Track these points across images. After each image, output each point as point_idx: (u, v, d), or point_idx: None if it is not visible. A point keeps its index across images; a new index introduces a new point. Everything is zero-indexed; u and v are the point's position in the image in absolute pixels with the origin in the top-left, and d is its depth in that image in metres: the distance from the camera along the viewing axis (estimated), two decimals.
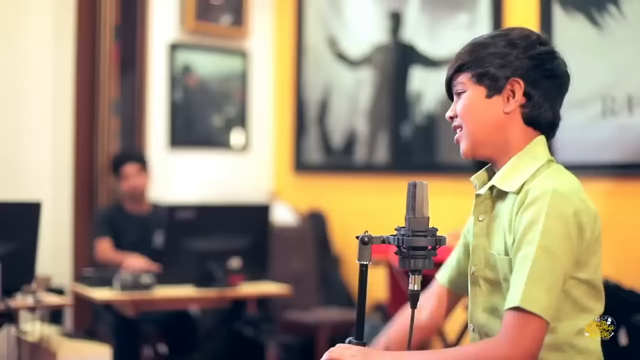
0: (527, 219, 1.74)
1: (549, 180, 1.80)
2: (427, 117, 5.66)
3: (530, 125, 1.89)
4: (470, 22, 5.42)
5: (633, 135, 4.46)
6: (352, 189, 6.09)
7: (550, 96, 1.90)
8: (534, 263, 1.69)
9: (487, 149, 1.90)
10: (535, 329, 1.67)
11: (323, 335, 5.19)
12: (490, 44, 1.91)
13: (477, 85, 1.89)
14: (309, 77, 6.40)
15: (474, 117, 1.90)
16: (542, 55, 1.89)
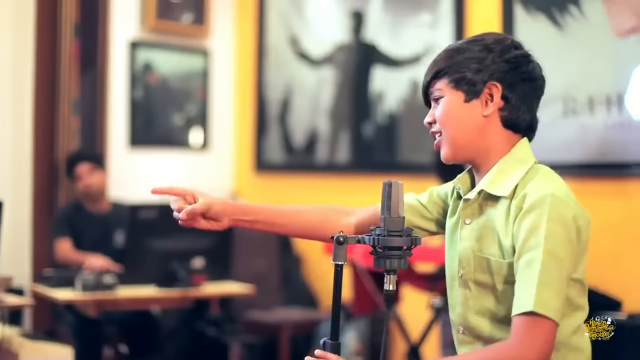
0: (529, 224, 1.75)
1: (544, 184, 1.81)
2: (389, 116, 5.67)
3: (509, 128, 1.90)
4: (432, 22, 5.44)
5: (594, 136, 4.50)
6: (314, 189, 6.09)
7: (527, 99, 1.92)
8: (542, 267, 1.70)
9: (468, 152, 1.92)
10: (547, 332, 1.69)
11: (285, 335, 5.19)
12: (465, 49, 1.91)
13: (454, 90, 1.90)
14: (270, 76, 6.38)
15: (453, 122, 1.91)
16: (517, 59, 1.90)
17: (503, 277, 1.82)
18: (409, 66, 5.56)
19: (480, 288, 1.87)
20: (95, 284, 4.02)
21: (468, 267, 1.89)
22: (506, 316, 1.80)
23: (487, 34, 1.96)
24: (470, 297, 1.89)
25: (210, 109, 6.44)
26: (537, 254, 1.71)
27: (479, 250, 1.87)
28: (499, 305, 1.83)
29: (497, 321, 1.85)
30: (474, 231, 1.89)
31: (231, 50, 6.58)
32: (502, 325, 1.83)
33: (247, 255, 5.36)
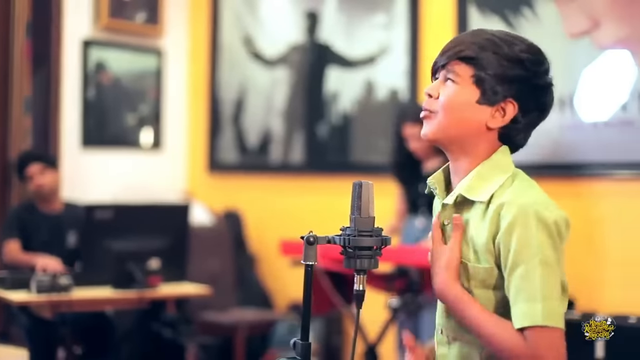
0: (517, 237, 1.74)
1: (524, 193, 1.80)
2: (343, 117, 5.68)
3: (501, 141, 1.88)
4: (387, 23, 5.47)
5: (548, 137, 4.55)
6: (268, 189, 6.08)
7: (531, 126, 1.89)
8: (542, 279, 1.71)
9: (450, 144, 1.88)
10: (560, 341, 1.72)
11: (241, 335, 5.17)
12: (500, 48, 1.84)
13: (473, 85, 1.84)
14: (224, 76, 6.36)
15: (455, 114, 1.85)
16: (544, 87, 1.86)
17: (478, 281, 1.81)
18: (363, 67, 5.57)
19: None
20: (51, 285, 3.98)
21: None
22: None
23: (523, 40, 1.87)
24: None
25: (164, 108, 6.40)
26: (533, 266, 1.72)
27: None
28: None
29: None
30: (450, 234, 1.89)
31: (185, 50, 6.55)
32: None
33: (202, 256, 5.34)
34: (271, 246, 5.90)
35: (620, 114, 4.52)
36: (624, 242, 4.29)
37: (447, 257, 1.85)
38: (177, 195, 6.28)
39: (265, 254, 6.00)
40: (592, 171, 4.46)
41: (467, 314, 1.80)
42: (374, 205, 1.76)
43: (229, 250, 5.72)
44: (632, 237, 4.31)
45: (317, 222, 5.58)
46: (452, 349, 1.90)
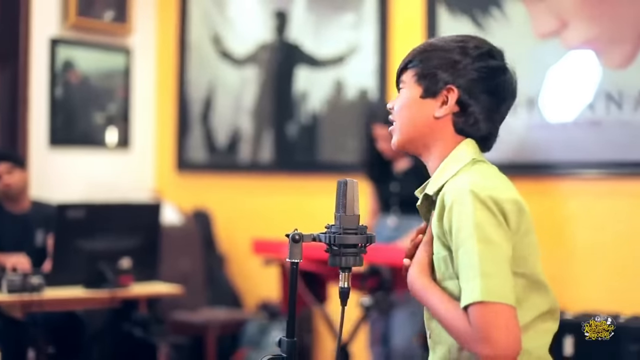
0: (456, 219, 1.74)
1: (463, 179, 1.80)
2: (312, 116, 5.70)
3: (461, 134, 1.89)
4: (356, 22, 5.49)
5: (516, 136, 4.60)
6: (237, 188, 6.08)
7: (489, 112, 1.89)
8: (480, 256, 1.69)
9: (415, 147, 1.91)
10: (506, 317, 1.66)
11: (212, 335, 5.17)
12: (442, 47, 1.90)
13: (416, 84, 1.90)
14: (193, 75, 6.35)
15: (405, 115, 1.91)
16: (489, 70, 1.88)
17: (443, 273, 1.82)
18: (332, 66, 5.59)
19: None
20: (22, 285, 3.95)
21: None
22: None
23: (472, 37, 1.93)
24: None
25: (132, 107, 6.37)
26: (472, 244, 1.70)
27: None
28: None
29: None
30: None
31: (153, 48, 6.53)
32: None
33: (171, 256, 5.32)
34: (240, 246, 5.90)
35: (588, 114, 4.57)
36: (591, 241, 4.35)
37: (418, 252, 1.88)
38: (146, 195, 6.26)
39: (234, 254, 6.00)
40: (559, 171, 4.51)
41: (430, 303, 1.81)
42: (358, 203, 1.78)
43: (198, 249, 5.71)
44: (599, 236, 4.37)
45: (286, 222, 5.58)
46: (435, 353, 1.91)
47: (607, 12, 4.60)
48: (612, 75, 4.57)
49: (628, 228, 4.38)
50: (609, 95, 4.57)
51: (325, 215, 6.17)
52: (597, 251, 4.35)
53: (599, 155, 4.52)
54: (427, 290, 1.82)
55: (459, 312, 1.71)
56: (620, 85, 4.54)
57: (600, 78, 4.59)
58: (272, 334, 5.24)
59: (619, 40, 4.56)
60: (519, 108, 4.59)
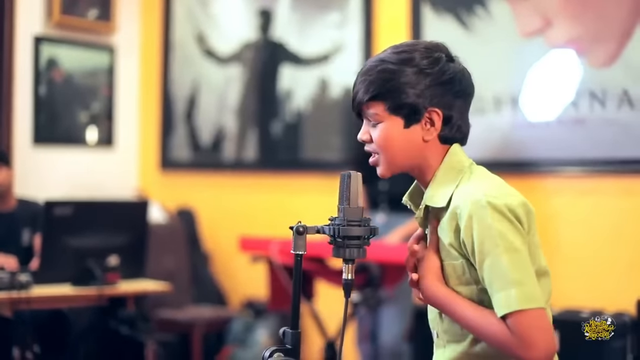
0: (477, 232, 1.78)
1: (472, 189, 1.84)
2: (297, 115, 5.71)
3: (446, 143, 1.92)
4: (340, 21, 5.51)
5: (500, 134, 4.63)
6: (221, 187, 6.08)
7: (463, 112, 1.94)
8: (509, 266, 1.75)
9: (406, 169, 1.93)
10: (542, 319, 1.74)
11: (198, 332, 5.17)
12: (400, 72, 1.88)
13: (393, 116, 1.89)
14: (177, 74, 6.35)
15: (393, 148, 1.90)
16: (453, 78, 1.90)
17: (456, 278, 1.86)
18: (317, 65, 5.61)
19: None
20: (10, 283, 3.93)
21: None
22: None
23: (415, 48, 1.91)
24: None
25: (116, 106, 6.36)
26: (498, 255, 1.76)
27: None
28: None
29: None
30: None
31: (137, 47, 6.52)
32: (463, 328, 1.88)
33: (156, 254, 5.31)
34: (225, 244, 5.91)
35: (572, 112, 4.61)
36: (575, 238, 4.39)
37: (427, 261, 1.90)
38: (129, 194, 6.25)
39: (219, 252, 6.01)
40: (543, 168, 4.55)
41: (457, 312, 1.84)
42: (362, 196, 1.79)
43: (183, 248, 5.71)
44: (582, 233, 4.41)
45: (271, 220, 5.63)
46: (446, 351, 1.94)
47: (590, 11, 4.64)
48: (596, 74, 4.62)
49: (611, 225, 4.42)
50: (592, 93, 4.61)
51: (310, 213, 6.24)
52: (581, 248, 4.39)
53: (582, 153, 4.56)
54: (452, 299, 1.86)
55: (495, 320, 1.77)
56: (604, 83, 4.58)
57: (584, 77, 4.63)
58: (257, 331, 5.26)
59: (603, 39, 4.61)
60: (504, 106, 4.63)
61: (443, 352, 1.95)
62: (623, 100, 4.53)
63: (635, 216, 4.43)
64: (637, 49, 4.51)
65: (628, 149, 4.55)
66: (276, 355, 1.78)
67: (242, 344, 5.26)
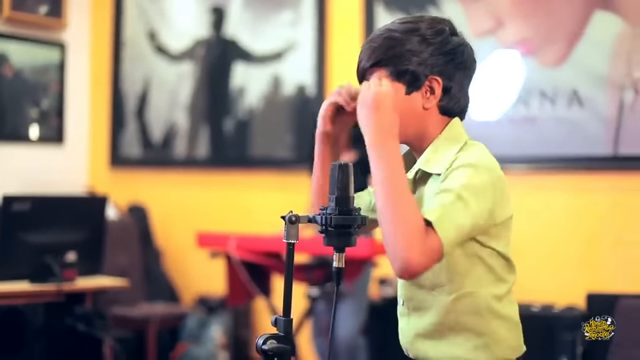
0: (452, 173, 1.84)
1: (471, 154, 1.90)
2: (249, 112, 5.73)
3: (445, 114, 1.97)
4: (294, 20, 5.54)
5: None
6: (172, 184, 6.07)
7: (464, 85, 1.98)
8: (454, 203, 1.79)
9: (403, 138, 1.96)
10: (435, 247, 1.76)
11: (153, 329, 5.16)
12: (404, 40, 1.93)
13: (395, 82, 1.93)
14: (128, 70, 6.32)
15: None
16: (455, 49, 1.95)
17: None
18: (270, 62, 5.63)
19: None
20: None
21: None
22: (435, 281, 1.90)
23: (421, 19, 1.97)
24: None
25: (66, 102, 6.31)
26: (454, 191, 1.80)
27: None
28: (433, 276, 1.90)
29: (428, 289, 1.93)
30: None
31: (87, 43, 6.47)
32: (434, 291, 1.92)
33: (109, 250, 5.28)
34: (177, 240, 5.91)
35: (522, 111, 4.71)
36: (525, 235, 4.46)
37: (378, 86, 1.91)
38: (79, 190, 6.20)
39: (171, 248, 6.00)
40: None
41: (391, 168, 1.82)
42: (353, 186, 1.82)
43: (135, 244, 5.69)
44: (533, 230, 4.50)
45: (223, 217, 5.65)
46: (411, 319, 1.98)
47: (541, 12, 4.75)
48: (547, 73, 4.72)
49: (562, 221, 4.53)
50: (543, 92, 4.71)
51: (262, 210, 6.24)
52: (532, 244, 4.48)
53: (533, 151, 4.66)
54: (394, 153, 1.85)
55: (418, 211, 1.79)
56: (554, 82, 4.69)
57: (535, 76, 4.74)
58: (211, 328, 5.26)
59: (553, 39, 4.71)
60: None
61: (408, 320, 1.99)
62: (573, 99, 4.64)
63: (585, 212, 4.54)
64: (586, 49, 4.63)
65: (578, 147, 4.66)
66: (269, 342, 1.80)
67: (197, 340, 5.26)
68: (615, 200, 4.62)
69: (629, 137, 4.53)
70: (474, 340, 1.90)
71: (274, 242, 4.44)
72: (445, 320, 1.91)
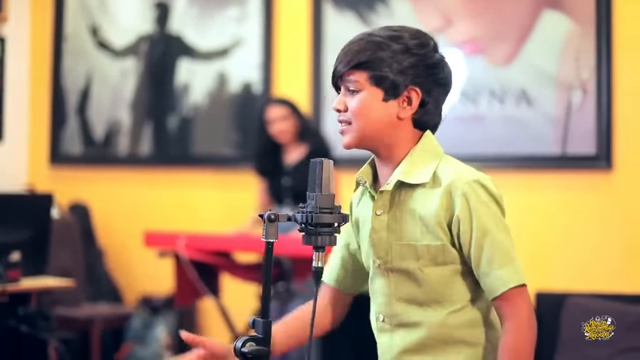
0: (476, 211, 1.85)
1: (460, 168, 1.91)
2: (194, 109, 5.66)
3: (417, 127, 1.95)
4: (240, 16, 5.49)
5: None
6: (114, 182, 5.97)
7: (440, 102, 1.97)
8: (500, 246, 1.84)
9: (372, 145, 1.94)
10: (528, 295, 1.85)
11: (97, 330, 5.07)
12: (386, 45, 1.91)
13: (374, 87, 1.90)
14: (69, 66, 6.17)
15: (367, 118, 1.91)
16: (437, 65, 1.94)
17: (428, 260, 1.88)
18: (216, 59, 5.57)
19: (401, 275, 1.91)
20: None
21: (386, 257, 1.92)
22: (428, 298, 1.89)
23: (404, 29, 1.95)
24: (391, 285, 1.93)
25: (5, 98, 6.14)
26: (493, 236, 1.84)
27: (399, 239, 1.91)
28: (420, 289, 1.89)
29: (419, 305, 1.91)
30: (388, 222, 1.93)
31: (27, 38, 6.31)
32: (425, 307, 1.91)
33: (52, 249, 5.17)
34: (119, 239, 5.81)
35: (471, 109, 4.74)
36: None
37: None
38: (19, 188, 6.06)
39: (113, 248, 5.89)
40: None
41: None
42: (334, 183, 1.79)
43: (77, 243, 5.56)
44: None
45: (167, 215, 5.57)
46: (396, 336, 1.95)
47: (490, 11, 4.78)
48: (495, 72, 4.75)
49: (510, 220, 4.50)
50: (491, 91, 4.74)
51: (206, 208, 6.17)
52: None
53: (481, 149, 4.69)
54: None
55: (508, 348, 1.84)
56: (503, 82, 4.72)
57: (484, 75, 4.76)
58: (156, 328, 5.18)
59: (502, 38, 4.75)
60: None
61: (391, 337, 1.96)
62: (521, 98, 4.68)
63: (534, 210, 4.58)
64: (535, 49, 4.67)
65: (526, 146, 4.70)
66: (248, 344, 1.76)
67: (142, 341, 5.17)
68: (563, 199, 4.66)
69: (576, 137, 4.58)
70: (466, 351, 1.90)
71: (223, 241, 4.39)
72: (438, 334, 1.91)
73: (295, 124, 4.61)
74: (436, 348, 1.90)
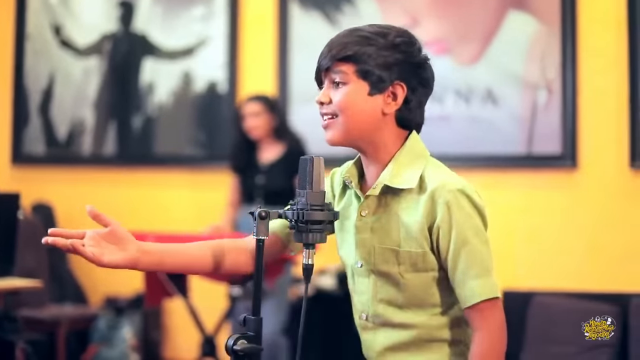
0: (457, 220, 1.85)
1: (445, 175, 1.91)
2: (159, 108, 5.64)
3: (401, 126, 1.95)
4: (205, 15, 5.48)
5: None
6: (78, 182, 5.92)
7: (422, 103, 1.97)
8: (481, 257, 1.84)
9: (357, 141, 1.93)
10: (500, 308, 1.85)
11: (63, 331, 5.02)
12: (373, 40, 1.91)
13: (360, 80, 1.90)
14: (31, 65, 6.10)
15: (352, 112, 1.90)
16: (422, 65, 1.95)
17: (409, 265, 1.89)
18: (181, 58, 5.56)
19: (383, 277, 1.92)
20: None
21: (369, 259, 1.93)
22: (409, 302, 1.91)
23: (391, 28, 1.96)
24: (374, 286, 1.94)
25: None
26: (477, 245, 1.84)
27: (382, 242, 1.91)
28: (402, 293, 1.90)
29: (400, 307, 1.92)
30: (372, 224, 1.93)
31: None
32: (407, 310, 1.92)
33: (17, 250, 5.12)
34: None
35: (437, 109, 4.76)
36: None
37: None
38: None
39: None
40: None
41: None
42: (324, 180, 1.79)
43: (41, 244, 5.50)
44: None
45: (131, 215, 5.54)
46: (379, 334, 1.96)
47: (456, 11, 4.82)
48: (461, 72, 4.79)
49: None
50: (457, 91, 4.78)
51: (171, 208, 6.14)
52: None
53: (447, 149, 4.71)
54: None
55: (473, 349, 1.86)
56: (469, 81, 4.76)
57: (449, 74, 4.79)
58: (122, 329, 5.15)
59: (468, 38, 4.79)
60: None
61: (374, 335, 1.97)
62: (487, 98, 4.72)
63: (499, 210, 4.61)
64: (501, 49, 4.71)
65: (492, 146, 4.74)
66: (240, 342, 1.76)
67: (108, 342, 5.14)
68: (528, 198, 4.71)
69: (542, 136, 4.64)
70: (449, 349, 1.92)
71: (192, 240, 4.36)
72: (420, 334, 1.92)
73: (270, 121, 4.58)
74: (419, 346, 1.92)
